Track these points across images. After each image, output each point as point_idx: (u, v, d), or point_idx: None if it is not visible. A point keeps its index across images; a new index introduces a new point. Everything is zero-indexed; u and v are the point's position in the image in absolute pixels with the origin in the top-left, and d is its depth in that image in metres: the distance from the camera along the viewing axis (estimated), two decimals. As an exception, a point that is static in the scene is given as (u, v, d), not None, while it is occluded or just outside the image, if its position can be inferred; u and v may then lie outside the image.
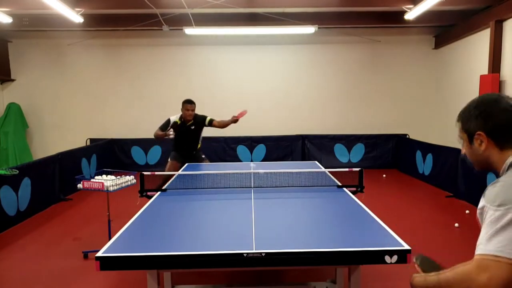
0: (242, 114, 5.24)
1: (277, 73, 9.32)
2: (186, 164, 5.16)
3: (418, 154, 7.87)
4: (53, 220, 5.50)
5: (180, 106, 5.29)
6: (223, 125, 5.41)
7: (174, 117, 5.34)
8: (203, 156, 5.60)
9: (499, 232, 1.04)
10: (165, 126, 5.28)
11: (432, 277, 1.26)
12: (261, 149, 9.10)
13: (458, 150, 6.38)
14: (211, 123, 5.42)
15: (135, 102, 9.30)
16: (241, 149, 9.01)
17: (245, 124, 8.90)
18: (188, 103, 5.27)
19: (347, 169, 3.76)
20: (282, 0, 7.12)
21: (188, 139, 5.40)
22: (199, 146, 5.52)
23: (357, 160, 9.09)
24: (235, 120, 5.18)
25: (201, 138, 5.52)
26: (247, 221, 2.54)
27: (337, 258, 2.00)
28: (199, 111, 5.44)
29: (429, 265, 1.43)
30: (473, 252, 1.09)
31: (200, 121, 5.40)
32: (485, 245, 1.05)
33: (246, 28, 7.93)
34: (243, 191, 3.46)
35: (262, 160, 8.89)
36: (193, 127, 5.37)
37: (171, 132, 5.21)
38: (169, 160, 5.46)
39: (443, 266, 1.33)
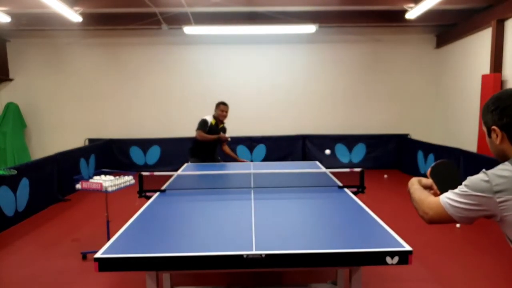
0: (243, 161, 5.66)
1: (277, 72, 9.28)
2: (186, 165, 5.13)
3: (420, 154, 7.83)
4: (52, 220, 5.47)
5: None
6: (227, 151, 5.64)
7: (208, 118, 5.40)
8: (219, 158, 5.66)
9: (460, 198, 1.36)
10: (205, 126, 5.32)
11: (417, 190, 1.61)
12: (261, 149, 9.06)
13: (459, 150, 6.35)
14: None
15: (134, 102, 9.26)
16: (241, 149, 8.96)
17: (245, 124, 8.92)
18: (223, 105, 5.41)
19: (348, 170, 3.73)
20: (282, -1, 7.09)
21: (215, 142, 5.41)
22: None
23: (358, 160, 9.05)
24: (237, 160, 5.62)
25: None
26: (247, 222, 2.50)
27: (337, 259, 1.98)
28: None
29: (437, 177, 1.63)
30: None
31: (225, 130, 5.58)
32: (448, 196, 1.41)
33: (246, 27, 7.88)
34: (243, 191, 3.42)
35: (262, 160, 8.86)
36: (222, 131, 5.48)
37: (227, 135, 5.38)
38: None
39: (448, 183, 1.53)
